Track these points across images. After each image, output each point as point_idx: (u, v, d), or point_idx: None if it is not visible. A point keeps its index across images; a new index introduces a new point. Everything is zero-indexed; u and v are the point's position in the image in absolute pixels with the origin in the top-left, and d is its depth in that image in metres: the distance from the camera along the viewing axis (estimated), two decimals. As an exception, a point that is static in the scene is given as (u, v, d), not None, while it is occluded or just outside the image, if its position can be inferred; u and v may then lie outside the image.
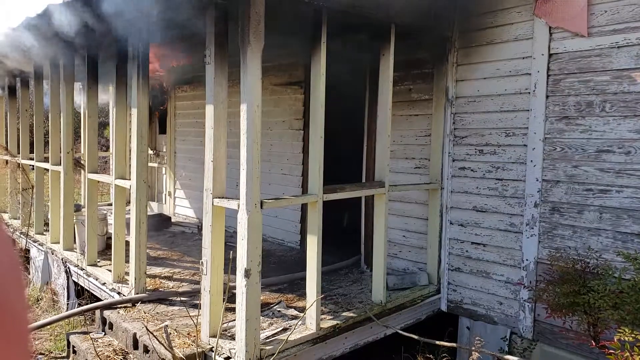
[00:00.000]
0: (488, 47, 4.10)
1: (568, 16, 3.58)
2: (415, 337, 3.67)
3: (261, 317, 3.35)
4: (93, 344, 3.70)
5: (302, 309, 3.71)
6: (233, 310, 3.23)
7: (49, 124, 5.96)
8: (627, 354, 2.26)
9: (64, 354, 4.12)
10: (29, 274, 6.40)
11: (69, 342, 3.98)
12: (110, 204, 7.77)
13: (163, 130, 8.59)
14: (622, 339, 2.35)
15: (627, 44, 3.36)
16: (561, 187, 3.69)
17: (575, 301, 2.93)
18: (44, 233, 6.36)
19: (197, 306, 3.67)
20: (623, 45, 3.37)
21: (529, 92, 3.84)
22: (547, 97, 3.74)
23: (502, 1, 3.97)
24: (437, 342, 3.63)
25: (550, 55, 3.71)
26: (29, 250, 6.42)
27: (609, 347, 2.44)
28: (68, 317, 4.30)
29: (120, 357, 3.59)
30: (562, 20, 3.62)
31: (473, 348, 3.16)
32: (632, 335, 2.35)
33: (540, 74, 3.76)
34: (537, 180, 3.80)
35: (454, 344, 3.71)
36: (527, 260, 3.87)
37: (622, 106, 3.39)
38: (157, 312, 3.91)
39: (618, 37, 3.39)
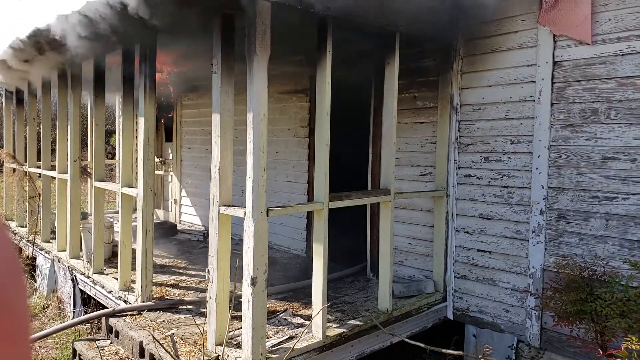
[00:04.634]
0: (493, 54, 4.12)
1: (572, 24, 3.60)
2: (422, 345, 3.66)
3: (267, 325, 3.35)
4: (99, 352, 3.71)
5: (308, 317, 3.71)
6: (239, 318, 3.24)
7: (56, 132, 6.02)
8: (636, 362, 2.25)
9: (71, 362, 4.13)
10: (36, 282, 6.43)
11: (74, 351, 3.99)
12: (117, 212, 7.82)
13: (169, 138, 8.65)
14: (629, 347, 2.33)
15: (631, 52, 3.36)
16: (567, 194, 3.69)
17: (582, 309, 2.92)
18: (51, 241, 6.40)
19: (203, 314, 3.68)
20: (627, 53, 3.38)
21: (534, 100, 3.85)
22: (552, 104, 3.75)
23: (507, 9, 3.99)
24: (444, 350, 3.62)
25: (554, 63, 3.72)
26: (35, 258, 6.46)
27: (617, 355, 2.42)
28: (74, 325, 4.31)
29: (127, 365, 3.60)
30: (566, 28, 3.63)
31: (480, 356, 3.15)
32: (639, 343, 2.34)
33: (545, 81, 3.77)
34: (543, 187, 3.80)
35: (460, 352, 3.70)
36: (533, 267, 3.85)
37: (627, 113, 3.39)
38: (163, 320, 3.92)
39: (622, 45, 3.40)
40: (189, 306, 4.22)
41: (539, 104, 3.81)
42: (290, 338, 3.48)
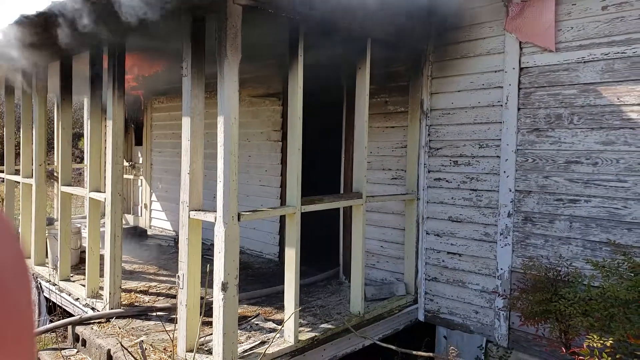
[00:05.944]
0: (462, 60, 4.20)
1: (537, 32, 3.71)
2: (393, 347, 3.69)
3: (239, 331, 3.32)
4: (65, 361, 3.60)
5: (281, 322, 3.69)
6: (210, 324, 3.20)
7: (21, 136, 5.82)
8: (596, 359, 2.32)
9: (34, 373, 3.99)
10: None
11: (39, 360, 3.86)
12: (85, 217, 7.60)
13: (139, 142, 8.48)
14: (591, 345, 2.41)
15: (592, 59, 3.49)
16: (533, 197, 3.79)
17: (547, 309, 3.00)
18: (14, 247, 6.16)
19: (173, 320, 3.61)
20: (589, 60, 3.51)
21: (501, 105, 3.95)
22: (518, 109, 3.85)
23: (475, 16, 4.08)
24: (415, 352, 3.66)
25: (521, 69, 3.83)
26: (-2, 265, 6.21)
27: (579, 353, 2.50)
28: (38, 334, 4.17)
29: (94, 374, 3.50)
30: (532, 36, 3.74)
31: (449, 357, 3.20)
32: (601, 341, 2.42)
33: (511, 87, 3.87)
34: (510, 190, 3.89)
35: (430, 354, 3.74)
36: (501, 269, 3.94)
37: (589, 119, 3.52)
38: (133, 327, 3.83)
39: (584, 53, 3.52)
40: (159, 313, 4.14)
41: (507, 109, 3.91)
42: (262, 343, 3.46)
